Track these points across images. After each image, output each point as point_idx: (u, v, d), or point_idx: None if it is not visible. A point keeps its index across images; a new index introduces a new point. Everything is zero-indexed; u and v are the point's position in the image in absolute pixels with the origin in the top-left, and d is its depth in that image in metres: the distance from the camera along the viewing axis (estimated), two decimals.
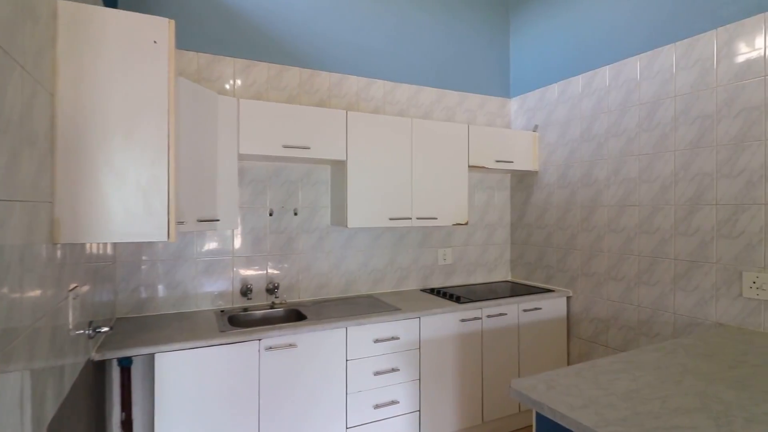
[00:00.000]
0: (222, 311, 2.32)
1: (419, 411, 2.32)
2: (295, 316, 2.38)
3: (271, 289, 2.48)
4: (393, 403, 2.24)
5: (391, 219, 2.53)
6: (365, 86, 2.80)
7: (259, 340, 1.94)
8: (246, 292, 2.43)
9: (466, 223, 2.78)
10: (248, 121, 2.17)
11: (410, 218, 2.59)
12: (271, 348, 1.96)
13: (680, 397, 1.24)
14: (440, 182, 2.68)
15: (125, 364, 2.04)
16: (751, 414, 1.13)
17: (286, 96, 2.57)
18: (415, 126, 2.60)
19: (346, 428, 2.13)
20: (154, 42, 1.32)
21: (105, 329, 1.61)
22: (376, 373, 2.20)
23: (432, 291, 2.85)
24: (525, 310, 2.66)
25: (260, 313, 2.37)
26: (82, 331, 1.49)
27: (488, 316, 2.54)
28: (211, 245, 2.38)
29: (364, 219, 2.45)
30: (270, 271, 2.52)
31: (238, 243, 2.44)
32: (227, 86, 2.42)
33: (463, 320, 2.45)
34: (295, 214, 2.59)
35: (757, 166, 1.91)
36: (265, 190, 2.51)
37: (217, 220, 2.05)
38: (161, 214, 1.34)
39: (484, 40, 3.23)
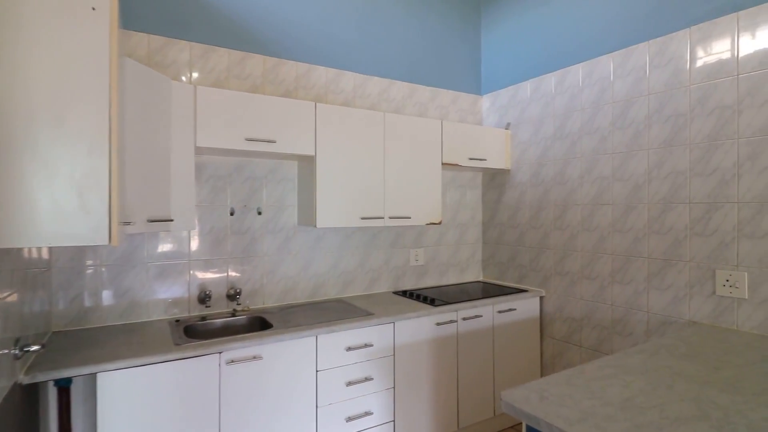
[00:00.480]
0: (177, 321, 2.10)
1: (393, 421, 2.20)
2: (260, 324, 2.19)
3: (233, 295, 2.28)
4: (366, 414, 2.11)
5: (362, 218, 2.39)
6: (334, 78, 2.64)
7: (220, 353, 1.75)
8: (204, 298, 2.21)
9: (440, 223, 2.68)
10: (207, 111, 1.96)
11: (383, 218, 2.46)
12: (233, 361, 1.78)
13: (677, 403, 1.18)
14: (413, 180, 2.57)
15: (63, 385, 1.79)
16: (751, 420, 1.08)
17: (249, 86, 2.37)
18: (388, 121, 2.48)
19: None
20: (92, 9, 1.11)
21: (35, 348, 1.38)
22: (349, 384, 2.06)
23: (404, 293, 2.74)
24: (500, 312, 2.60)
25: (220, 322, 2.17)
26: (5, 351, 1.26)
27: (463, 319, 2.45)
28: (165, 248, 2.16)
29: (334, 218, 2.30)
30: (231, 275, 2.32)
31: (195, 245, 2.23)
32: (183, 74, 2.20)
33: (438, 324, 2.35)
34: (259, 213, 2.40)
35: (730, 165, 1.92)
36: (225, 188, 2.30)
37: (171, 220, 1.84)
38: (100, 212, 1.14)
39: (456, 35, 3.15)
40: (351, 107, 2.56)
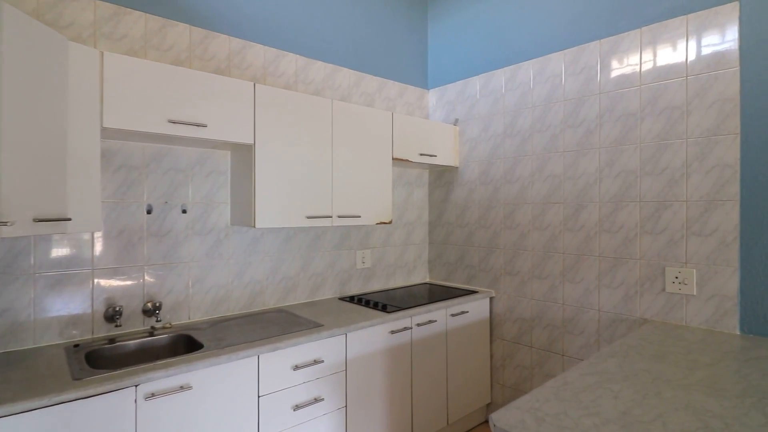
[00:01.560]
0: (76, 346, 1.68)
1: None
2: (186, 344, 1.84)
3: (151, 310, 1.90)
4: None
5: (308, 217, 2.12)
6: (274, 59, 2.34)
7: (136, 385, 1.40)
8: (113, 316, 1.81)
9: (390, 222, 2.50)
10: (118, 84, 1.58)
11: (331, 216, 2.21)
12: (153, 395, 1.43)
13: (673, 414, 1.10)
14: (363, 176, 2.35)
15: None
16: (751, 429, 1.03)
17: (171, 60, 1.99)
18: (336, 109, 2.23)
19: None
20: None
21: None
22: (296, 407, 1.79)
23: (351, 299, 2.51)
24: (453, 315, 2.48)
25: (135, 345, 1.78)
26: None
27: (418, 325, 2.29)
28: (60, 253, 1.72)
29: (276, 218, 2.01)
30: (148, 285, 1.93)
31: (101, 250, 1.81)
32: (85, 41, 1.77)
33: (392, 332, 2.16)
34: (184, 211, 2.03)
35: (679, 164, 1.96)
36: (141, 180, 1.91)
37: (68, 219, 1.44)
38: None
39: (403, 24, 2.99)
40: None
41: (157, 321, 1.90)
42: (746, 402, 1.17)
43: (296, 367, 1.79)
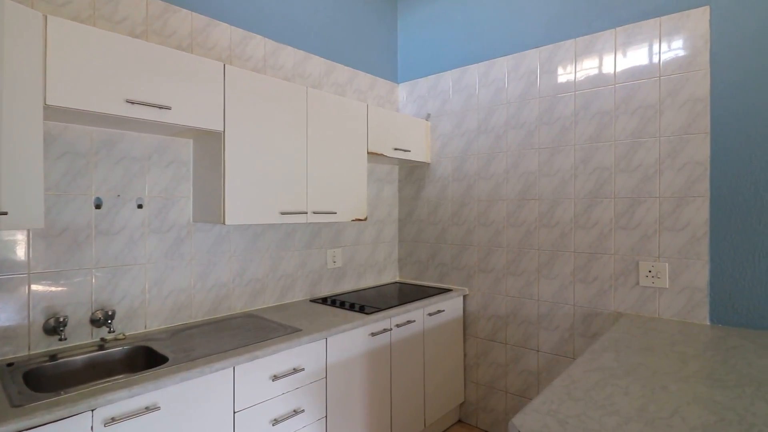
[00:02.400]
0: (10, 365, 1.40)
1: None
2: (145, 357, 1.62)
3: (101, 320, 1.65)
4: None
5: (282, 213, 1.96)
6: (241, 40, 2.14)
7: (92, 410, 1.18)
8: (55, 327, 1.54)
9: (365, 219, 2.38)
10: (65, 55, 1.34)
11: (306, 212, 2.06)
12: (114, 420, 1.22)
13: (686, 407, 1.09)
14: (339, 170, 2.22)
15: None
16: (763, 419, 1.04)
17: (124, 33, 1.75)
18: (312, 97, 2.08)
19: None
20: None
21: None
22: (275, 422, 1.63)
23: (324, 300, 2.37)
24: (430, 314, 2.41)
25: (83, 360, 1.53)
26: None
27: (397, 326, 2.20)
28: None
29: (247, 213, 1.82)
30: (98, 291, 1.67)
31: (40, 250, 1.54)
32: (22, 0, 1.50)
33: (372, 334, 2.05)
34: (139, 206, 1.79)
35: (652, 162, 2.02)
36: (88, 170, 1.65)
37: (4, 213, 1.19)
38: None
39: (372, 14, 2.88)
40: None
41: (108, 332, 1.65)
42: (747, 392, 1.19)
43: (275, 377, 1.63)
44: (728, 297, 1.84)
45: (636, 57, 2.06)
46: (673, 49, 1.96)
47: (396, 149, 2.56)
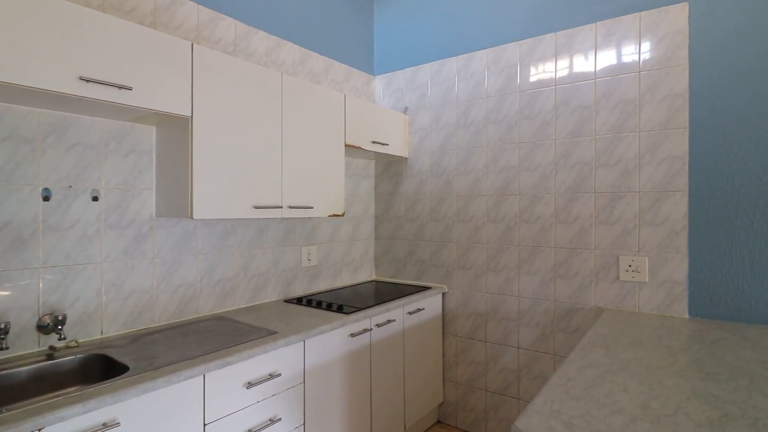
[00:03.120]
0: None
1: None
2: (101, 366, 1.45)
3: (49, 326, 1.46)
4: None
5: (256, 207, 1.82)
6: (209, 21, 1.98)
7: (40, 429, 1.02)
8: None
9: (343, 215, 2.28)
10: (5, 24, 1.16)
11: (281, 207, 1.93)
12: None
13: (687, 403, 1.06)
14: (315, 162, 2.11)
15: None
16: (765, 411, 1.02)
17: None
18: (287, 84, 1.96)
19: None
20: None
21: None
22: None
23: (299, 300, 2.24)
24: (409, 313, 2.34)
25: (28, 372, 1.35)
26: None
27: (377, 326, 2.11)
28: None
29: (218, 207, 1.68)
30: (46, 294, 1.49)
31: None
32: None
33: (352, 335, 1.95)
34: (95, 198, 1.61)
35: (632, 156, 2.02)
36: (34, 157, 1.46)
37: None
38: None
39: (348, 3, 2.77)
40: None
41: (59, 339, 1.47)
42: (741, 384, 1.18)
43: (249, 385, 1.50)
44: (706, 290, 1.86)
45: (616, 52, 2.06)
46: (653, 44, 1.97)
47: (374, 142, 2.47)
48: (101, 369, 1.45)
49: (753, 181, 1.77)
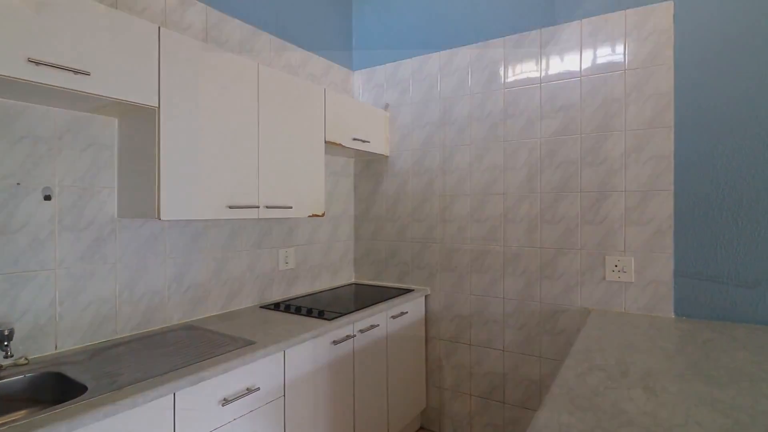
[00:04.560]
0: None
1: None
2: (56, 386, 1.29)
3: None
4: None
5: (231, 207, 1.69)
6: (178, 5, 1.83)
7: None
8: None
9: (323, 215, 2.16)
10: None
11: (257, 206, 1.80)
12: None
13: (696, 410, 1.02)
14: (294, 159, 1.99)
15: None
16: None
17: None
18: (264, 76, 1.83)
19: None
20: None
21: None
22: None
23: (276, 306, 2.11)
24: (393, 317, 2.25)
25: None
26: None
27: (361, 331, 2.00)
28: None
29: (189, 207, 1.54)
30: None
31: None
32: None
33: (335, 342, 1.84)
34: (47, 197, 1.44)
35: (618, 155, 2.01)
36: None
37: None
38: None
39: None
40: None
41: (5, 356, 1.30)
42: (743, 388, 1.15)
43: (225, 401, 1.37)
44: (691, 290, 1.86)
45: (601, 50, 2.04)
46: (639, 42, 1.95)
47: (355, 139, 2.36)
48: (55, 390, 1.29)
49: (737, 180, 1.77)
